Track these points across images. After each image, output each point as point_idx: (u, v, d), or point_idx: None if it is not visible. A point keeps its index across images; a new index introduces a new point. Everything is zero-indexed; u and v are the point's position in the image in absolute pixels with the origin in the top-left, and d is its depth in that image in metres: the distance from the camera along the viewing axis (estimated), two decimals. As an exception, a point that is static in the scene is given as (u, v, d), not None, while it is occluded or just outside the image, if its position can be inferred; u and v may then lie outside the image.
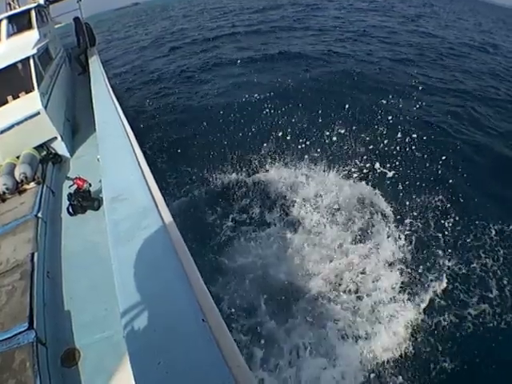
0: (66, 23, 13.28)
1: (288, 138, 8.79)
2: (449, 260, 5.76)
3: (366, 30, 21.59)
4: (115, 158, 3.73)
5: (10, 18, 6.30)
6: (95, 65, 7.99)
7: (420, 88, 12.08)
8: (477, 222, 6.48)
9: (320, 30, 21.84)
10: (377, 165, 7.72)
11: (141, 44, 25.14)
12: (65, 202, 4.23)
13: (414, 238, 6.18)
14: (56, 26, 10.93)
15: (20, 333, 2.42)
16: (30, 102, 5.03)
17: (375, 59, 15.86)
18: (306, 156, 8.28)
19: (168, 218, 2.61)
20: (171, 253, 2.20)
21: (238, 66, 15.78)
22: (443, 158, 8.03)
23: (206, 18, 33.34)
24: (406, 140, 8.39)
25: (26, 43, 5.87)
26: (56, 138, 5.33)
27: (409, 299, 5.24)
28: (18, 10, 7.06)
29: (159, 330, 1.76)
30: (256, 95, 11.91)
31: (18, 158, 4.85)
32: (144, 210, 2.67)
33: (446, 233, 6.24)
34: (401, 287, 5.43)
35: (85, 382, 2.35)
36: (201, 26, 28.71)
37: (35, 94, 5.09)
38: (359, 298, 5.31)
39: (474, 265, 5.72)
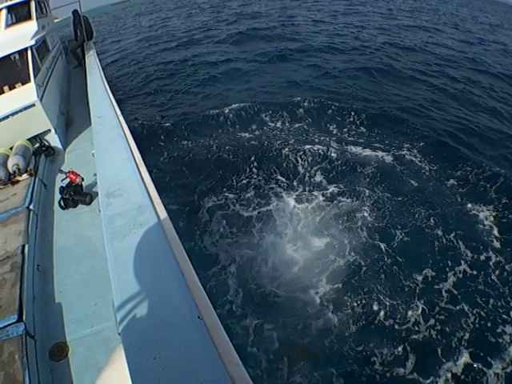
0: (62, 18, 13.16)
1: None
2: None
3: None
4: (110, 152, 3.70)
5: (10, 8, 6.24)
6: (92, 59, 7.92)
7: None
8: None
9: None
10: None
11: (137, 37, 25.22)
12: (57, 196, 4.21)
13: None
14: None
15: (9, 325, 2.41)
16: (25, 93, 4.99)
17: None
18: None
19: (163, 215, 2.62)
20: (167, 249, 2.21)
21: (226, 56, 16.88)
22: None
23: (204, 12, 33.55)
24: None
25: (25, 34, 5.82)
26: (50, 130, 5.31)
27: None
28: (18, 0, 6.99)
29: (155, 325, 1.78)
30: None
31: (11, 148, 4.82)
32: (140, 207, 2.67)
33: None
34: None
35: (73, 376, 2.35)
36: (198, 20, 29.14)
37: (31, 86, 5.05)
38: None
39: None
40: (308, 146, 8.65)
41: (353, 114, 10.46)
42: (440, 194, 7.34)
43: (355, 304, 5.21)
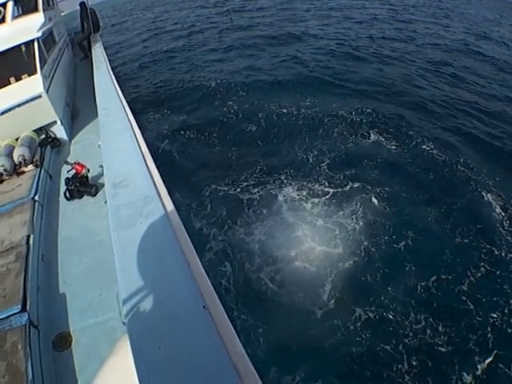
0: (68, 11, 13.15)
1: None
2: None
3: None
4: (117, 144, 3.69)
5: (17, 0, 6.21)
6: (98, 51, 7.90)
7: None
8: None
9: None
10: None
11: (144, 29, 25.41)
12: (62, 187, 4.20)
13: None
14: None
15: (13, 315, 2.40)
16: (32, 85, 4.98)
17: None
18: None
19: (170, 205, 2.60)
20: (173, 240, 2.19)
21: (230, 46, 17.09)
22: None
23: (208, 5, 33.32)
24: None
25: (31, 26, 5.79)
26: (56, 121, 5.31)
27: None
28: (25, -9, 6.94)
29: (160, 315, 1.76)
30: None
31: (16, 139, 4.82)
32: (146, 198, 2.65)
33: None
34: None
35: (76, 367, 2.33)
36: (202, 12, 29.37)
37: (37, 77, 5.04)
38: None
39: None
40: (311, 127, 8.75)
41: (361, 99, 10.59)
42: (451, 185, 7.24)
43: (363, 304, 5.11)
